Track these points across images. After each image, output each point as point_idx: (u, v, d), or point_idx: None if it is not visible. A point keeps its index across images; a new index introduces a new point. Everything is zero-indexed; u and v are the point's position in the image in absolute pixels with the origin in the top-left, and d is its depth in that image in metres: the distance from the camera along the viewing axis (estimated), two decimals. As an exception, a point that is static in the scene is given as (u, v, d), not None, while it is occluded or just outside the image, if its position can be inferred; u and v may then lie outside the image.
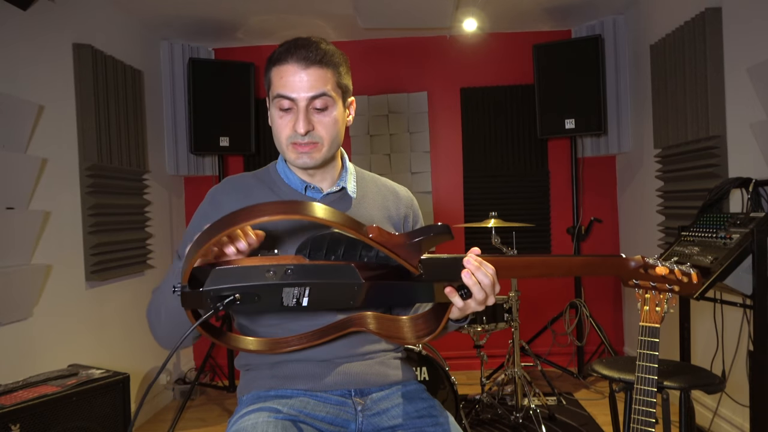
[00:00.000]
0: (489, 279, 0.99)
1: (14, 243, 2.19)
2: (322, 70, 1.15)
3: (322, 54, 1.15)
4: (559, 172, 3.92)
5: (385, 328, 1.12)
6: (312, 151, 1.18)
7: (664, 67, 2.95)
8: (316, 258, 0.94)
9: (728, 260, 1.93)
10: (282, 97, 1.16)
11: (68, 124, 2.65)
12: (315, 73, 1.14)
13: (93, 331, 2.80)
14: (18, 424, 1.70)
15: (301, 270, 0.90)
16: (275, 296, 0.89)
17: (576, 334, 3.64)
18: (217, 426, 3.10)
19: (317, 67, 1.15)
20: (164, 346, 1.13)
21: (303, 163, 1.19)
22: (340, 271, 0.92)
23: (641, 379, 1.26)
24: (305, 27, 3.63)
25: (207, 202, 1.25)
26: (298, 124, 1.15)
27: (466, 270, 0.98)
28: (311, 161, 1.19)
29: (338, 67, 1.19)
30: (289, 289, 0.89)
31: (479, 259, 0.99)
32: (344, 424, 1.16)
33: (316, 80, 1.14)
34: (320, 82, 1.15)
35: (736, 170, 2.45)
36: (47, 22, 2.51)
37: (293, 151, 1.19)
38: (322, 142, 1.19)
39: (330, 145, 1.20)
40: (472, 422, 2.86)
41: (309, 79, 1.14)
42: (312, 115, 1.17)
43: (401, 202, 1.36)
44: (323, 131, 1.18)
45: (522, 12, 3.55)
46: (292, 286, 0.89)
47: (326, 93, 1.16)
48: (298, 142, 1.17)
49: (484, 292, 0.99)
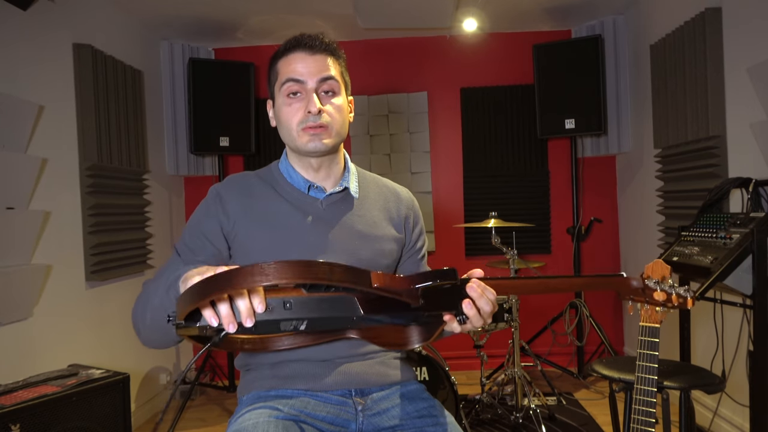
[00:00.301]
0: (490, 307, 0.98)
1: (14, 243, 2.19)
2: (328, 56, 1.22)
3: (327, 43, 1.22)
4: (559, 172, 3.92)
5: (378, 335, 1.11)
6: (322, 133, 1.20)
7: (664, 67, 2.95)
8: (316, 291, 0.92)
9: (728, 260, 1.93)
10: (291, 81, 1.19)
11: (68, 124, 2.65)
12: (322, 59, 1.21)
13: (93, 331, 2.80)
14: (18, 424, 1.70)
15: (300, 304, 0.89)
16: (273, 326, 0.89)
17: (576, 334, 3.64)
18: (217, 426, 3.10)
19: (324, 54, 1.21)
20: (149, 346, 1.11)
21: (314, 146, 1.20)
22: (340, 304, 0.92)
23: (641, 379, 1.26)
24: (305, 27, 3.63)
25: (211, 198, 1.25)
26: (310, 104, 1.18)
27: (468, 300, 0.97)
28: (321, 145, 1.20)
29: (340, 58, 1.25)
30: (286, 324, 0.89)
31: (482, 286, 0.98)
32: (345, 424, 1.16)
33: (322, 65, 1.20)
34: (326, 67, 1.21)
35: (736, 170, 2.45)
36: (47, 22, 2.51)
37: (304, 134, 1.20)
38: (331, 126, 1.21)
39: (338, 131, 1.23)
40: (472, 422, 2.86)
41: (317, 64, 1.20)
42: (321, 98, 1.20)
43: (402, 203, 1.36)
44: (332, 114, 1.21)
45: (522, 12, 3.55)
46: (289, 321, 0.89)
47: (333, 77, 1.21)
48: (309, 124, 1.19)
49: (482, 320, 0.99)
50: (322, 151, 1.22)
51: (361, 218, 1.26)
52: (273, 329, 0.90)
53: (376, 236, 1.26)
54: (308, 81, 1.19)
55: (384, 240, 1.27)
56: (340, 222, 1.24)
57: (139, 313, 1.08)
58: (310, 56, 1.20)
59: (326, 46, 1.21)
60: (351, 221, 1.25)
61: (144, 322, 1.06)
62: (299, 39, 1.21)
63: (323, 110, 1.19)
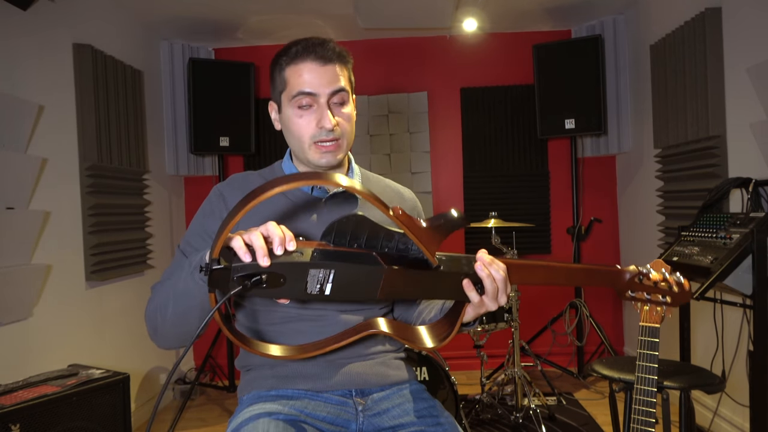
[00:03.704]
0: (501, 274, 1.00)
1: (14, 243, 2.19)
2: (339, 66, 1.19)
3: (338, 52, 1.19)
4: (559, 172, 3.92)
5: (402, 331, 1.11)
6: (336, 150, 1.20)
7: (664, 67, 2.95)
8: (340, 245, 0.95)
9: (728, 260, 1.93)
10: (303, 94, 1.17)
11: (68, 124, 2.65)
12: (333, 70, 1.18)
13: (93, 331, 2.80)
14: (18, 424, 1.70)
15: (326, 254, 0.91)
16: (300, 281, 0.89)
17: (576, 334, 3.63)
18: (217, 426, 3.10)
19: (334, 64, 1.18)
20: (165, 346, 1.10)
21: (326, 162, 1.20)
22: (363, 258, 0.94)
23: (641, 379, 1.26)
24: (305, 27, 3.63)
25: (214, 197, 1.25)
26: (325, 120, 1.16)
27: (479, 263, 0.99)
28: (334, 160, 1.21)
29: (348, 63, 1.23)
30: (314, 273, 0.89)
31: (490, 257, 1.02)
32: (345, 424, 1.16)
33: (334, 76, 1.18)
34: (337, 78, 1.18)
35: (736, 170, 2.45)
36: (47, 21, 2.51)
37: (317, 150, 1.19)
38: (344, 137, 1.21)
39: (348, 141, 1.23)
40: (472, 422, 2.86)
41: (328, 75, 1.17)
42: (333, 110, 1.19)
43: (405, 204, 1.36)
44: (344, 126, 1.20)
45: (522, 12, 3.55)
46: (318, 268, 0.89)
47: (344, 88, 1.19)
48: (323, 139, 1.18)
49: (496, 286, 1.00)
50: (333, 165, 1.22)
51: None
52: (299, 287, 0.90)
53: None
54: (320, 94, 1.16)
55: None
56: None
57: (159, 308, 1.05)
58: (322, 67, 1.16)
59: (337, 54, 1.18)
60: None
61: (165, 316, 1.03)
62: (309, 47, 1.17)
63: (337, 123, 1.18)
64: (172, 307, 1.02)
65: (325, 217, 1.23)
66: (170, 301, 1.02)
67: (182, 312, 1.00)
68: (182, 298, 0.99)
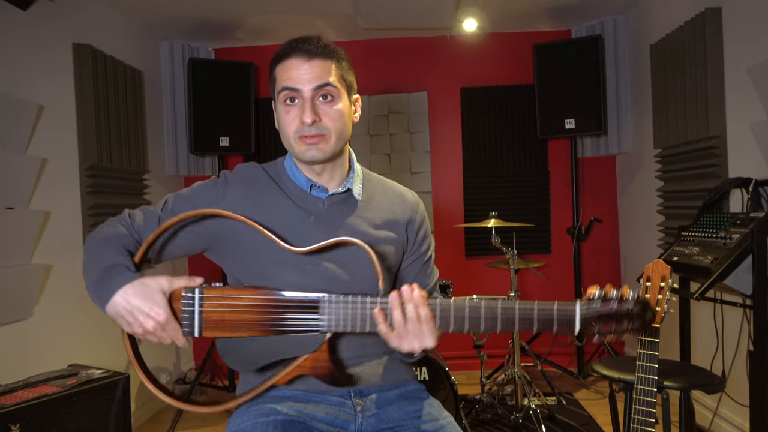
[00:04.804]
0: (413, 313, 1.03)
1: (14, 243, 2.19)
2: (325, 61, 1.17)
3: (323, 46, 1.18)
4: (559, 172, 3.92)
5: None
6: (319, 142, 1.17)
7: (664, 67, 2.95)
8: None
9: (728, 260, 1.93)
10: (287, 89, 1.16)
11: (68, 124, 2.65)
12: (318, 65, 1.16)
13: (93, 331, 2.79)
14: (18, 424, 1.69)
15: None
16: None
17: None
18: (217, 426, 3.10)
19: (320, 59, 1.17)
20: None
21: (311, 156, 1.18)
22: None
23: (641, 379, 1.26)
24: (305, 27, 3.63)
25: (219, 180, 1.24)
26: (305, 114, 1.15)
27: (394, 293, 1.03)
28: (319, 154, 1.18)
29: (340, 60, 1.21)
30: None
31: (423, 294, 1.04)
32: (344, 424, 1.16)
33: (319, 71, 1.16)
34: (323, 73, 1.16)
35: (736, 170, 2.45)
36: (47, 22, 2.51)
37: (301, 144, 1.18)
38: (329, 133, 1.18)
39: (337, 137, 1.19)
40: (472, 422, 2.86)
41: (312, 71, 1.16)
42: (318, 106, 1.17)
43: (407, 206, 1.33)
44: (329, 122, 1.17)
45: (522, 12, 3.55)
46: None
47: (330, 83, 1.17)
48: (305, 134, 1.16)
49: (404, 323, 1.03)
50: (319, 160, 1.19)
51: (363, 220, 1.25)
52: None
53: (378, 238, 1.24)
54: (304, 89, 1.15)
55: (385, 242, 1.25)
56: (341, 223, 1.22)
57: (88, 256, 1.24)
58: (306, 62, 1.16)
59: (323, 49, 1.17)
60: (353, 222, 1.23)
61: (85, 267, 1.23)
62: (294, 44, 1.17)
63: (320, 119, 1.16)
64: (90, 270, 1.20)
65: (323, 217, 1.22)
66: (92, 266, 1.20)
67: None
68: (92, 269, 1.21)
